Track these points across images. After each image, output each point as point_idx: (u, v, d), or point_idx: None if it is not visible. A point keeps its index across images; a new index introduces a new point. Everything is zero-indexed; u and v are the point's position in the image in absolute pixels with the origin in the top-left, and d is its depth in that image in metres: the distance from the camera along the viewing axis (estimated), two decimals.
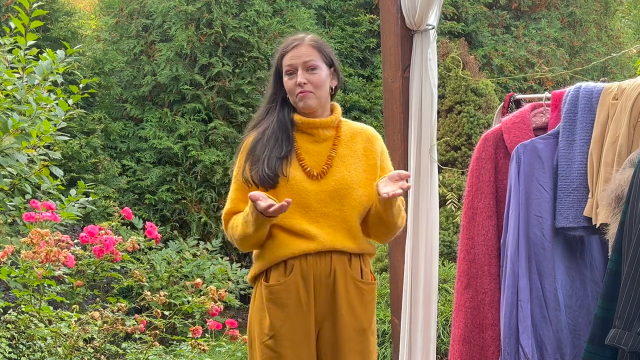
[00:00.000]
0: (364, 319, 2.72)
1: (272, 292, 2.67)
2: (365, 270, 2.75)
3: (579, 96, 3.04)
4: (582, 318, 3.09)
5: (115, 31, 8.55)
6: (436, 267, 3.69)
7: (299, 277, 2.66)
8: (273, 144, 2.70)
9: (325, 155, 2.73)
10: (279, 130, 2.72)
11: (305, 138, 2.75)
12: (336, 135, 2.76)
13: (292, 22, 8.41)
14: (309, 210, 2.67)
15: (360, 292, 2.72)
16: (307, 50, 2.71)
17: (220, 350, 4.89)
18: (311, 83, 2.69)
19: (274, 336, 2.66)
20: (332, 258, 2.68)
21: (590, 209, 2.93)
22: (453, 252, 6.15)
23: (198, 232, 7.78)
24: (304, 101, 2.69)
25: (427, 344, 3.66)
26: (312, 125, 2.73)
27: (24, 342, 4.07)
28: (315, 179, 2.69)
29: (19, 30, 4.20)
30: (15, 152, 3.98)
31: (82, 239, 3.84)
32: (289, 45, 2.73)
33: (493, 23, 10.45)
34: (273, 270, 2.69)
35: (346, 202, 2.69)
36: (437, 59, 3.74)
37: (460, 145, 6.92)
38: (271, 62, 2.83)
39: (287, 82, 2.71)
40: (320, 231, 2.66)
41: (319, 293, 2.68)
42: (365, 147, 2.78)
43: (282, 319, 2.66)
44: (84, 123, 7.71)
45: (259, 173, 2.66)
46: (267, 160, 2.67)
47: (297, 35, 2.79)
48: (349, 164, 2.72)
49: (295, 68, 2.69)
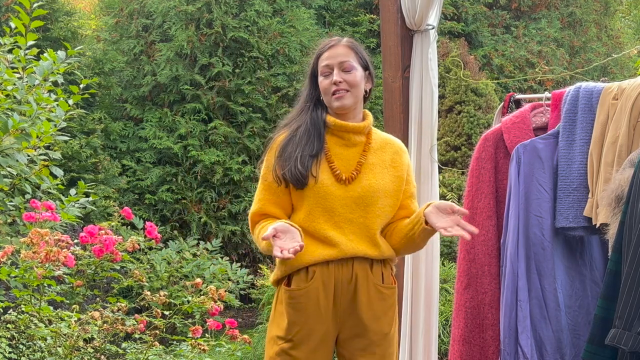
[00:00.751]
0: (385, 323, 2.72)
1: (292, 296, 2.67)
2: (386, 274, 2.75)
3: (579, 96, 3.04)
4: (582, 318, 3.09)
5: (115, 31, 8.55)
6: (437, 268, 3.69)
7: (319, 284, 2.66)
8: (305, 141, 2.70)
9: (354, 160, 2.73)
10: (312, 128, 2.72)
11: (336, 141, 2.74)
12: (367, 142, 2.76)
13: (292, 22, 8.41)
14: (334, 215, 2.66)
15: (382, 297, 2.72)
16: (344, 51, 2.72)
17: (220, 350, 4.89)
18: (347, 82, 2.69)
19: (291, 340, 2.66)
20: (354, 264, 2.68)
21: (590, 209, 2.93)
22: (453, 252, 6.15)
23: (198, 232, 7.78)
24: (339, 101, 2.70)
25: (429, 345, 3.66)
26: (345, 128, 2.73)
27: (24, 342, 4.07)
28: (343, 183, 2.68)
29: (19, 30, 4.20)
30: (15, 152, 3.98)
31: (82, 239, 3.84)
32: (325, 46, 2.75)
33: (493, 23, 10.45)
34: (295, 276, 2.69)
35: (371, 210, 2.69)
36: (437, 59, 3.74)
37: (460, 145, 6.92)
38: (307, 64, 2.84)
39: (323, 81, 2.72)
40: (343, 237, 2.66)
41: (339, 299, 2.68)
42: (393, 159, 2.78)
43: (300, 324, 2.66)
44: (84, 123, 7.71)
45: (291, 171, 2.65)
46: (300, 158, 2.66)
47: (332, 37, 2.80)
48: (377, 173, 2.72)
49: (331, 68, 2.70)
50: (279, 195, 2.70)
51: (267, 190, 2.73)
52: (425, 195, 3.64)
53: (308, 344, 2.66)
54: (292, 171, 2.65)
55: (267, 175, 2.74)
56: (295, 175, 2.64)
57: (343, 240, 2.65)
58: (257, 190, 2.78)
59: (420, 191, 3.65)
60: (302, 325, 2.66)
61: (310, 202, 2.66)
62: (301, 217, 2.67)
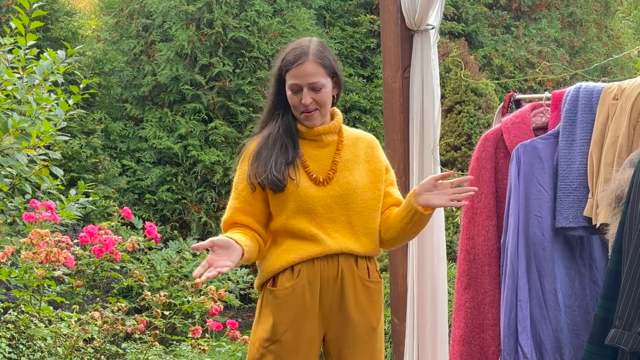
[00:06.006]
0: (372, 317, 2.74)
1: (278, 296, 2.67)
2: (372, 269, 2.76)
3: (579, 96, 3.04)
4: (581, 318, 3.09)
5: (115, 31, 8.55)
6: (444, 268, 3.68)
7: (305, 282, 2.67)
8: (279, 148, 2.69)
9: (329, 160, 2.73)
10: (284, 134, 2.71)
11: (309, 144, 2.74)
12: (339, 140, 2.77)
13: (293, 22, 8.41)
14: (315, 216, 2.67)
15: (368, 292, 2.73)
16: (313, 69, 2.65)
17: (220, 350, 4.89)
18: (316, 101, 2.68)
19: (278, 341, 2.66)
20: (339, 260, 2.69)
21: (590, 209, 2.93)
22: (453, 252, 6.14)
23: (198, 232, 7.78)
24: (309, 120, 2.70)
25: (435, 346, 3.64)
26: (316, 132, 2.74)
27: (24, 342, 4.07)
28: (321, 184, 2.69)
29: (19, 31, 4.20)
30: (15, 152, 3.98)
31: (81, 239, 3.83)
32: (293, 62, 2.66)
33: (493, 23, 10.44)
34: (280, 275, 2.69)
35: (352, 208, 2.70)
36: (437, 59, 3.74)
37: (460, 145, 6.92)
38: (272, 64, 2.80)
39: (292, 96, 2.69)
40: (327, 236, 2.67)
41: (325, 296, 2.69)
42: (366, 153, 2.79)
43: (287, 323, 2.66)
44: (84, 123, 7.71)
45: (268, 177, 2.64)
46: (274, 164, 2.66)
47: (300, 43, 2.71)
48: (353, 169, 2.73)
49: (300, 87, 2.67)
50: (251, 203, 2.70)
51: (238, 199, 2.72)
52: None
53: (294, 344, 2.66)
54: (269, 177, 2.64)
55: (238, 184, 2.74)
56: (272, 180, 2.64)
57: (327, 237, 2.66)
58: (230, 199, 2.77)
59: None
60: (288, 325, 2.66)
61: (290, 207, 2.66)
62: (282, 220, 2.67)
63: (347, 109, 8.85)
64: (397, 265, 3.76)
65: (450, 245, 6.22)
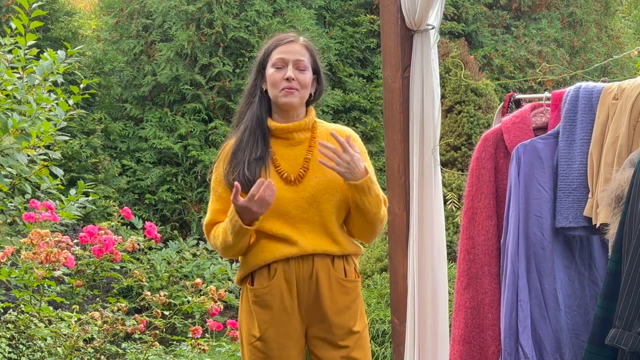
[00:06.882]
0: (349, 317, 2.73)
1: (256, 295, 2.69)
2: (349, 269, 2.74)
3: (579, 96, 3.04)
4: (581, 318, 3.08)
5: (115, 31, 8.55)
6: (444, 268, 3.68)
7: (282, 281, 2.67)
8: (251, 144, 2.69)
9: (301, 158, 2.71)
10: (256, 127, 2.70)
11: (281, 142, 2.73)
12: (312, 137, 2.75)
13: (293, 22, 8.41)
14: (288, 218, 2.66)
15: (344, 291, 2.72)
16: (301, 49, 2.71)
17: (220, 350, 4.89)
18: (299, 81, 2.67)
19: (261, 338, 2.68)
20: (315, 260, 2.68)
21: (590, 209, 2.93)
22: (453, 252, 6.13)
23: (198, 232, 7.78)
24: (288, 97, 2.67)
25: (435, 346, 3.64)
26: (287, 129, 2.72)
27: (24, 342, 4.07)
28: (292, 184, 2.68)
29: (19, 31, 4.20)
30: (15, 152, 3.98)
31: (81, 238, 3.84)
32: (283, 40, 2.72)
33: (493, 23, 10.44)
34: (257, 274, 2.70)
35: (324, 208, 2.68)
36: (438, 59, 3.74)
37: (460, 145, 6.92)
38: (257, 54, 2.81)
39: (274, 74, 2.68)
40: (301, 237, 2.66)
41: (302, 294, 2.69)
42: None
43: (268, 321, 2.68)
44: (84, 123, 7.71)
45: (239, 178, 2.64)
46: (247, 163, 2.66)
47: (289, 33, 2.78)
48: (326, 167, 2.68)
49: (286, 62, 2.67)
50: (230, 204, 2.69)
51: (219, 200, 2.74)
52: (428, 197, 3.63)
53: (279, 340, 2.68)
54: (240, 178, 2.64)
55: (217, 186, 2.75)
56: (242, 182, 2.62)
57: (302, 238, 2.66)
58: (209, 201, 2.78)
59: (423, 192, 3.64)
60: (270, 322, 2.68)
61: None
62: (257, 222, 2.65)
63: (347, 109, 8.85)
64: (397, 265, 3.76)
65: (450, 245, 6.21)
